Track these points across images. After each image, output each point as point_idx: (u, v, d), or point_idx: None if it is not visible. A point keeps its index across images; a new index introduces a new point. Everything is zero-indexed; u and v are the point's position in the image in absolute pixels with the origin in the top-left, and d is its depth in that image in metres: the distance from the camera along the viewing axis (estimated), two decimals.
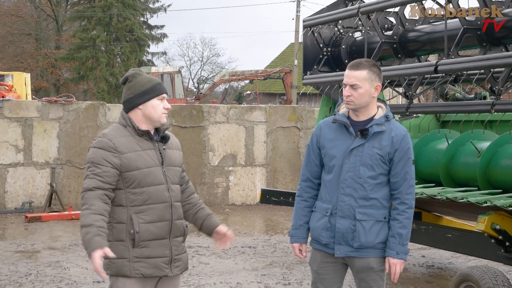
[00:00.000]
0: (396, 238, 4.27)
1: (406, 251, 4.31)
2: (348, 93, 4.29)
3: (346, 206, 4.29)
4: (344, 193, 4.30)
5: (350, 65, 4.38)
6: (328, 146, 4.38)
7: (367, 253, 4.32)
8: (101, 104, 13.24)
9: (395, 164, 4.30)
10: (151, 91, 4.11)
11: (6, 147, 12.45)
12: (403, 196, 4.30)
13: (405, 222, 4.29)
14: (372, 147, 4.29)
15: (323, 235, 4.37)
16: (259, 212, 13.34)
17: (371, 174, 4.28)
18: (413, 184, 4.35)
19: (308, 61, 8.52)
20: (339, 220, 4.31)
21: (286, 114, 14.35)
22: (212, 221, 4.38)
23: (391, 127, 4.34)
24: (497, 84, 6.45)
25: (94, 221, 3.89)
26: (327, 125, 4.46)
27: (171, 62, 58.05)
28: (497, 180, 6.59)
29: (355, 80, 4.28)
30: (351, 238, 4.29)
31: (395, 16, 7.61)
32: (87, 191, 3.98)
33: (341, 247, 4.32)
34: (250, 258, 9.09)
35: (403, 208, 4.29)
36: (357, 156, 4.29)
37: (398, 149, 4.29)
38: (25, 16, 49.76)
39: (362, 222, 4.27)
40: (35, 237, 10.42)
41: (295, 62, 36.89)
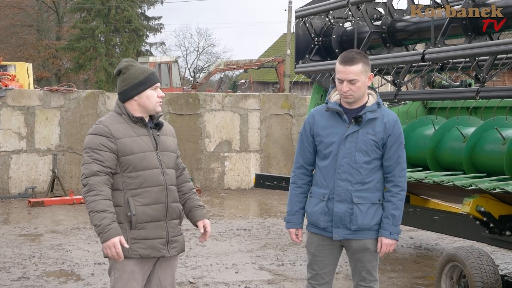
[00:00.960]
0: (389, 219, 4.39)
1: (398, 231, 4.44)
2: (346, 88, 4.33)
3: (342, 190, 4.39)
4: (341, 178, 4.39)
5: (343, 60, 4.37)
6: (323, 134, 4.45)
7: (363, 235, 4.42)
8: (101, 93, 13.44)
9: (388, 148, 4.40)
10: (144, 82, 4.19)
11: (9, 135, 12.68)
12: (397, 179, 4.42)
13: (398, 204, 4.41)
14: (366, 133, 4.37)
15: (321, 219, 4.46)
16: (253, 196, 13.56)
17: (366, 159, 4.38)
18: (405, 167, 4.47)
19: (300, 51, 8.55)
20: (336, 204, 4.41)
21: (279, 102, 14.55)
22: (195, 214, 4.43)
23: (383, 113, 4.42)
24: (482, 72, 6.52)
25: (108, 206, 4.00)
26: (320, 113, 4.51)
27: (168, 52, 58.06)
28: (482, 164, 6.71)
29: (353, 75, 4.31)
30: (348, 221, 4.39)
31: (384, 7, 7.65)
32: (92, 176, 4.05)
33: (339, 230, 4.42)
34: (245, 240, 9.29)
35: (396, 191, 4.42)
36: (352, 143, 4.37)
37: (391, 135, 4.39)
38: (26, 8, 49.73)
39: (359, 205, 4.37)
40: (38, 221, 10.61)
41: (287, 52, 36.87)
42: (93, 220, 4.01)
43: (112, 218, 4.01)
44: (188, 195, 4.48)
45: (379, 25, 7.59)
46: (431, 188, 7.13)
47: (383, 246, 4.42)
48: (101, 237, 4.00)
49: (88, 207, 4.05)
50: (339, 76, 4.37)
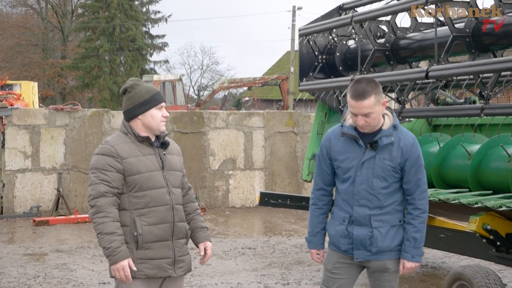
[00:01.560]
0: (411, 241, 4.36)
1: (421, 254, 4.41)
2: (362, 121, 4.28)
3: (361, 216, 4.36)
4: (359, 204, 4.36)
5: (354, 95, 4.27)
6: (340, 159, 4.41)
7: (385, 256, 4.41)
8: (106, 111, 13.47)
9: (407, 172, 4.35)
10: (149, 101, 4.20)
11: (14, 154, 12.70)
12: (417, 202, 4.37)
13: (420, 227, 4.37)
14: (383, 159, 4.32)
15: (341, 242, 4.45)
16: (258, 214, 13.52)
17: (384, 184, 4.33)
18: (425, 189, 4.41)
19: (304, 68, 8.59)
20: (356, 228, 4.38)
21: (283, 120, 14.55)
22: (198, 236, 4.44)
23: (399, 136, 4.35)
24: (486, 89, 6.52)
25: (116, 228, 4.02)
26: (336, 136, 4.47)
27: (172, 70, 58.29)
28: (488, 182, 6.67)
29: (367, 109, 4.24)
30: (369, 244, 4.37)
31: (387, 25, 7.70)
32: (99, 197, 4.05)
33: (360, 252, 4.41)
34: (250, 259, 9.25)
35: (417, 213, 4.38)
36: (369, 169, 4.33)
37: (408, 158, 4.33)
38: (32, 27, 50.21)
39: (379, 228, 4.35)
40: (43, 240, 10.59)
41: (291, 69, 37.04)
42: (102, 242, 4.02)
43: (121, 240, 4.02)
44: (192, 215, 4.48)
45: (383, 43, 7.62)
46: (436, 206, 7.02)
47: (405, 269, 4.43)
48: (110, 259, 4.01)
49: (96, 229, 4.05)
50: (352, 111, 4.30)
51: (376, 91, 4.29)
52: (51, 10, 52.65)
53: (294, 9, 41.39)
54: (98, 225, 4.03)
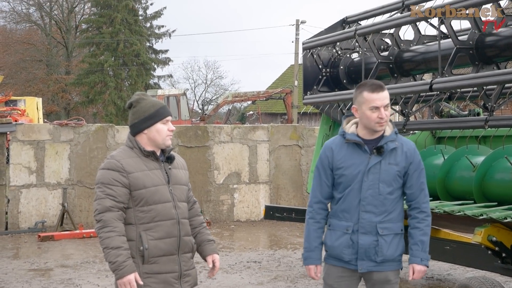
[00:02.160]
0: (418, 245, 4.42)
1: (428, 257, 4.47)
2: (383, 114, 4.34)
3: (367, 222, 4.37)
4: (365, 210, 4.37)
5: (373, 88, 4.37)
6: (344, 166, 4.42)
7: (387, 267, 4.42)
8: (110, 126, 13.50)
9: (410, 176, 4.41)
10: (154, 116, 4.22)
11: (19, 169, 12.73)
12: (421, 205, 4.44)
13: (426, 230, 4.45)
14: (388, 163, 4.37)
15: (345, 253, 4.43)
16: (263, 228, 13.49)
17: (390, 189, 4.38)
18: (427, 193, 4.50)
19: (308, 82, 8.59)
20: (361, 236, 4.38)
21: (287, 133, 14.56)
22: (205, 249, 4.45)
23: (401, 142, 4.45)
24: (490, 101, 6.53)
25: (122, 243, 4.02)
26: (338, 145, 4.48)
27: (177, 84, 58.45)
28: (492, 193, 6.68)
29: (387, 100, 4.37)
30: (373, 253, 4.37)
31: (391, 37, 7.71)
32: (105, 211, 4.07)
33: (364, 263, 4.40)
34: (255, 273, 9.24)
35: (422, 216, 4.44)
36: (375, 174, 4.36)
37: (412, 162, 4.41)
38: (36, 43, 50.44)
39: (384, 236, 4.37)
40: (48, 255, 10.59)
41: (295, 83, 37.10)
42: (108, 257, 4.02)
43: (127, 255, 4.03)
44: (198, 229, 4.48)
45: (387, 56, 7.63)
46: (441, 218, 7.03)
47: (415, 273, 4.45)
48: (116, 274, 4.01)
49: (102, 243, 4.05)
50: (376, 104, 4.34)
51: None
52: (55, 26, 52.90)
53: (297, 22, 41.50)
54: (104, 240, 4.04)
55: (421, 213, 4.44)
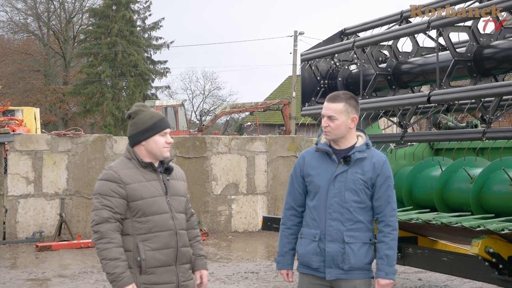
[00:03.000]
0: (384, 259, 4.42)
1: (394, 272, 4.45)
2: (325, 124, 4.46)
3: (334, 230, 4.41)
4: (331, 218, 4.42)
5: (328, 97, 4.53)
6: (313, 174, 4.51)
7: (355, 275, 4.43)
8: (108, 137, 13.50)
9: (378, 188, 4.45)
10: (152, 128, 4.23)
11: (17, 179, 12.72)
12: (387, 219, 4.46)
13: (391, 244, 4.44)
14: (355, 172, 4.43)
15: (313, 260, 4.47)
16: (261, 238, 13.48)
17: (356, 198, 4.42)
18: (395, 207, 4.51)
19: (306, 93, 8.60)
20: (328, 244, 4.42)
21: (285, 144, 14.58)
22: (195, 264, 4.44)
23: (372, 154, 4.49)
24: (488, 113, 6.58)
25: (120, 254, 4.03)
26: (310, 154, 4.59)
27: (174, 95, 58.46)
28: (490, 205, 6.70)
29: (332, 112, 4.44)
30: (341, 260, 4.40)
31: (389, 49, 7.74)
32: (103, 222, 4.07)
33: (332, 270, 4.43)
34: (253, 283, 9.23)
35: (388, 230, 4.45)
36: (341, 182, 4.42)
37: (380, 174, 4.45)
38: (34, 53, 50.51)
39: (351, 244, 4.40)
40: (46, 265, 10.57)
41: (293, 94, 37.17)
42: (106, 268, 4.03)
43: (125, 266, 4.04)
44: (191, 242, 4.47)
45: (385, 68, 7.67)
46: (439, 230, 7.06)
47: (379, 286, 4.43)
48: (114, 285, 4.02)
49: (100, 254, 4.06)
50: (322, 112, 4.52)
51: (349, 102, 4.49)
52: (52, 36, 52.99)
53: (295, 34, 41.62)
54: (102, 251, 4.05)
55: (386, 227, 4.46)
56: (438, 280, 9.28)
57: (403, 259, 7.49)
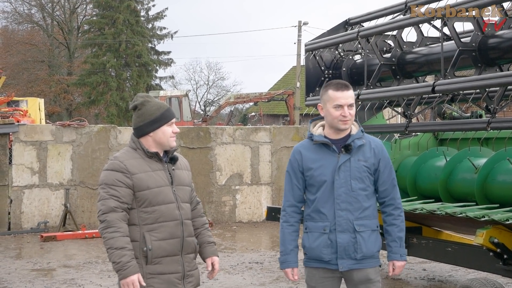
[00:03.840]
0: (397, 242, 4.49)
1: (406, 252, 4.57)
2: (347, 113, 4.40)
3: (344, 220, 4.40)
4: (340, 208, 4.40)
5: (338, 86, 4.44)
6: (314, 167, 4.46)
7: (367, 264, 4.44)
8: (112, 127, 13.52)
9: (381, 173, 4.48)
10: (160, 119, 4.23)
11: (22, 170, 12.75)
12: (396, 202, 4.52)
13: (402, 226, 4.52)
14: (357, 160, 4.42)
15: (324, 253, 4.44)
16: (265, 229, 13.50)
17: (362, 186, 4.42)
18: (398, 189, 4.58)
19: (310, 83, 8.60)
20: (339, 235, 4.40)
21: (289, 134, 14.59)
22: (205, 251, 4.45)
23: (369, 139, 4.52)
24: (492, 103, 6.57)
25: (126, 243, 4.04)
26: (306, 147, 4.53)
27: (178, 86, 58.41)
28: (494, 195, 6.71)
29: (351, 99, 4.43)
30: (352, 250, 4.39)
31: (393, 39, 7.72)
32: (109, 212, 4.07)
33: (344, 261, 4.42)
34: (257, 274, 9.26)
35: (398, 213, 4.52)
36: (346, 172, 4.40)
37: (381, 159, 4.48)
38: (38, 44, 50.52)
39: (361, 233, 4.40)
40: (51, 255, 10.61)
41: (297, 85, 37.15)
42: (112, 257, 4.03)
43: (131, 255, 4.04)
44: (199, 230, 4.49)
45: (389, 58, 7.65)
46: (443, 220, 7.09)
47: (396, 268, 4.51)
48: (120, 274, 4.02)
49: (106, 244, 4.06)
50: (339, 102, 4.40)
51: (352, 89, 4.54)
52: (57, 26, 52.98)
53: (300, 24, 41.55)
54: (108, 240, 4.05)
55: (396, 209, 4.52)
56: (443, 270, 9.29)
57: (408, 249, 7.47)
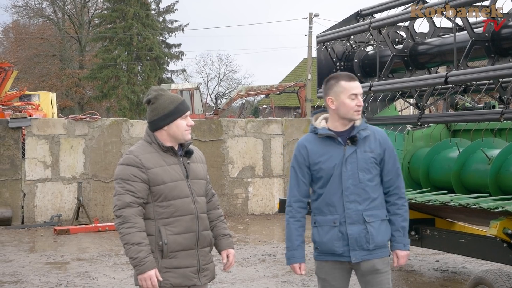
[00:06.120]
0: (400, 231, 4.47)
1: (409, 242, 4.54)
2: (360, 102, 4.42)
3: (353, 212, 4.37)
4: (349, 200, 4.38)
5: (349, 78, 4.45)
6: (321, 160, 4.43)
7: (379, 254, 4.42)
8: (124, 121, 13.55)
9: (386, 162, 4.46)
10: (174, 112, 4.21)
11: (35, 164, 12.81)
12: (400, 191, 4.50)
13: (405, 215, 4.51)
14: (364, 151, 4.40)
15: (337, 245, 4.41)
16: (277, 221, 13.46)
17: (369, 176, 4.40)
18: (402, 179, 4.57)
19: (322, 75, 8.47)
20: (349, 227, 4.38)
21: (301, 127, 14.57)
22: (220, 243, 4.45)
23: (373, 130, 4.51)
24: (506, 94, 6.54)
25: (143, 238, 4.05)
26: (310, 142, 4.49)
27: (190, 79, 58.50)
28: (508, 186, 6.66)
29: (361, 89, 4.48)
30: (365, 241, 4.37)
31: (405, 30, 7.71)
32: (125, 207, 4.07)
33: (356, 253, 4.40)
34: (270, 266, 9.26)
35: (401, 202, 4.50)
36: (353, 163, 4.38)
37: (386, 149, 4.46)
38: (49, 38, 50.74)
39: (371, 223, 4.38)
40: (64, 249, 10.67)
41: (308, 77, 37.11)
42: (129, 253, 4.05)
43: (148, 250, 4.06)
44: (215, 222, 4.49)
45: (401, 49, 7.62)
46: (457, 211, 7.08)
47: (400, 258, 4.49)
48: (137, 269, 4.04)
49: (123, 239, 4.08)
50: (355, 91, 4.40)
51: None
52: (68, 20, 53.15)
53: (311, 16, 41.39)
54: (125, 236, 4.06)
55: (400, 199, 4.50)
56: (456, 262, 9.27)
57: (421, 241, 7.50)
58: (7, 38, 54.33)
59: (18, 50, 49.39)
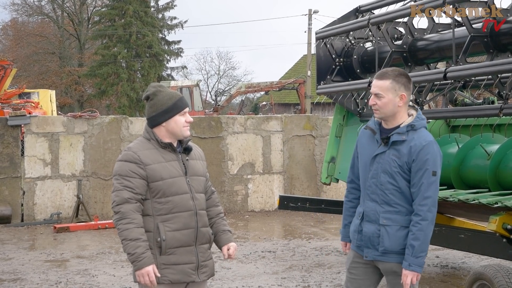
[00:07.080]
0: (409, 249, 4.23)
1: (419, 263, 4.23)
2: (373, 101, 4.37)
3: (371, 211, 4.37)
4: (369, 198, 4.38)
5: (376, 74, 4.43)
6: (360, 152, 4.50)
7: (392, 258, 4.34)
8: (124, 118, 13.53)
9: (413, 174, 4.26)
10: (172, 108, 4.22)
11: (34, 161, 12.80)
12: (417, 207, 4.24)
13: (418, 234, 4.21)
14: (391, 155, 4.31)
15: (355, 238, 4.49)
16: (277, 218, 13.48)
17: (391, 181, 4.29)
18: (429, 195, 4.24)
19: (321, 72, 8.58)
20: (365, 224, 4.40)
21: (301, 123, 14.55)
22: (220, 239, 4.46)
23: (414, 136, 4.30)
24: (505, 89, 6.54)
25: (141, 234, 4.05)
26: (363, 131, 4.54)
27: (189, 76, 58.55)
28: (507, 182, 6.64)
29: (378, 89, 4.33)
30: (376, 242, 4.35)
31: (404, 26, 7.71)
32: (123, 203, 4.08)
33: (369, 251, 4.40)
34: (270, 262, 9.27)
35: (416, 220, 4.23)
36: (379, 163, 4.34)
37: (415, 160, 4.25)
38: (49, 36, 50.77)
39: (386, 227, 4.30)
40: (64, 246, 10.66)
41: (308, 73, 37.14)
42: (127, 249, 4.05)
43: (146, 246, 4.06)
44: (214, 219, 4.50)
45: (400, 45, 7.62)
46: (456, 207, 7.07)
47: (402, 276, 4.28)
48: (135, 265, 4.05)
49: (121, 235, 4.08)
50: (372, 90, 4.43)
51: (397, 79, 4.34)
52: (67, 18, 53.14)
53: (310, 12, 41.40)
54: (123, 232, 4.07)
55: (415, 216, 4.25)
56: (456, 257, 9.28)
57: None
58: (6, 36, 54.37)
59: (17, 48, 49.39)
